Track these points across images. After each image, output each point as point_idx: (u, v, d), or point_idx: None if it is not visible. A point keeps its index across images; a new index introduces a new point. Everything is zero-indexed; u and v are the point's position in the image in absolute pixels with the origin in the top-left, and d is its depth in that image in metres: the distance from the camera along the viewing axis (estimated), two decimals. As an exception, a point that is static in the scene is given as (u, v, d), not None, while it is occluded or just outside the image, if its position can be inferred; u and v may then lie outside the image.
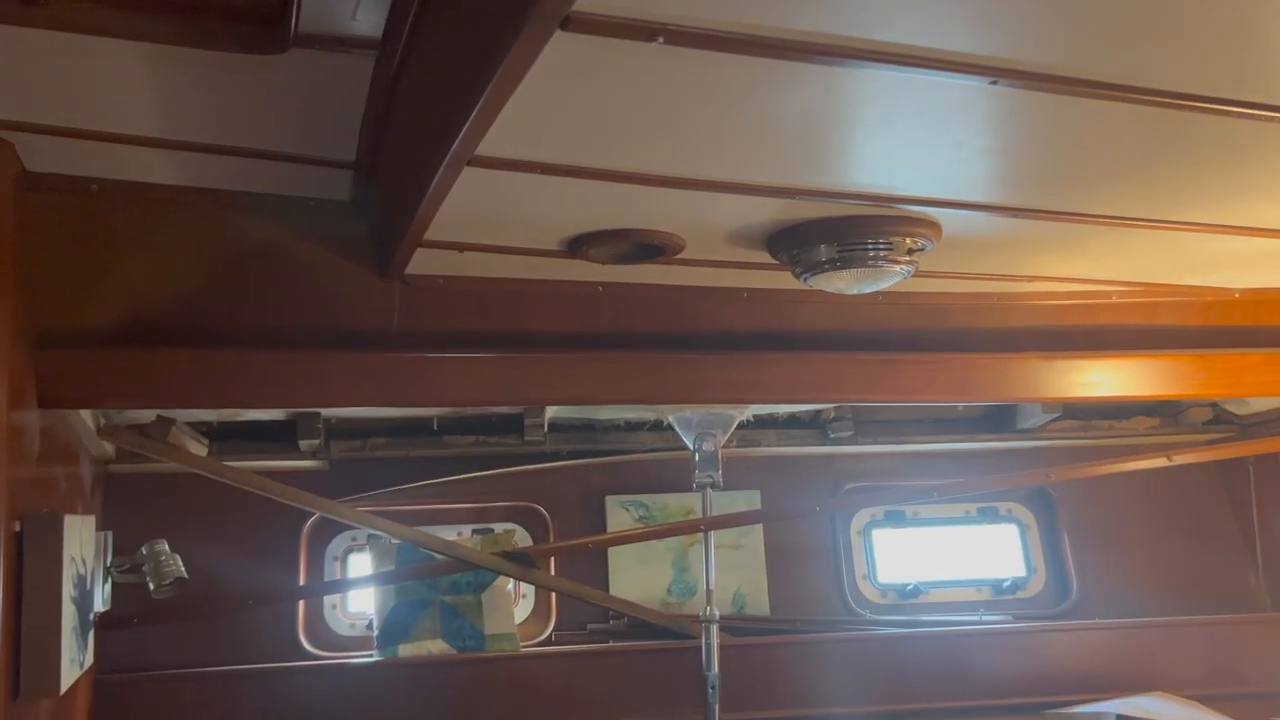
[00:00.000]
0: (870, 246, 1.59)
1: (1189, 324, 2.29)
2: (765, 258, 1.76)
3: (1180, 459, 2.56)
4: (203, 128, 1.52)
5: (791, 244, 1.63)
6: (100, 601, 2.12)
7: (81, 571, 1.81)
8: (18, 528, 1.55)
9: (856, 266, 1.61)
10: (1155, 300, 2.26)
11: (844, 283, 1.67)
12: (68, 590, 1.65)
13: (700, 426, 2.51)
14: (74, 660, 1.73)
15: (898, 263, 1.62)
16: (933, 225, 1.61)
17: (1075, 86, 1.14)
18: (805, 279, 1.69)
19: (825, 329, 2.14)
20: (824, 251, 1.61)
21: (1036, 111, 1.22)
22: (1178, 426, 2.87)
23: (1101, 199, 1.60)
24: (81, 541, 1.81)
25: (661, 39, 0.98)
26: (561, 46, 0.97)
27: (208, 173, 1.69)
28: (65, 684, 1.64)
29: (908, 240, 1.59)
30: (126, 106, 1.44)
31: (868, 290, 1.72)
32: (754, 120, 1.22)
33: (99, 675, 2.26)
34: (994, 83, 1.11)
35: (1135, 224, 1.70)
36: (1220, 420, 2.84)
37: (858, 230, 1.57)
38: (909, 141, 1.30)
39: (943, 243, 1.67)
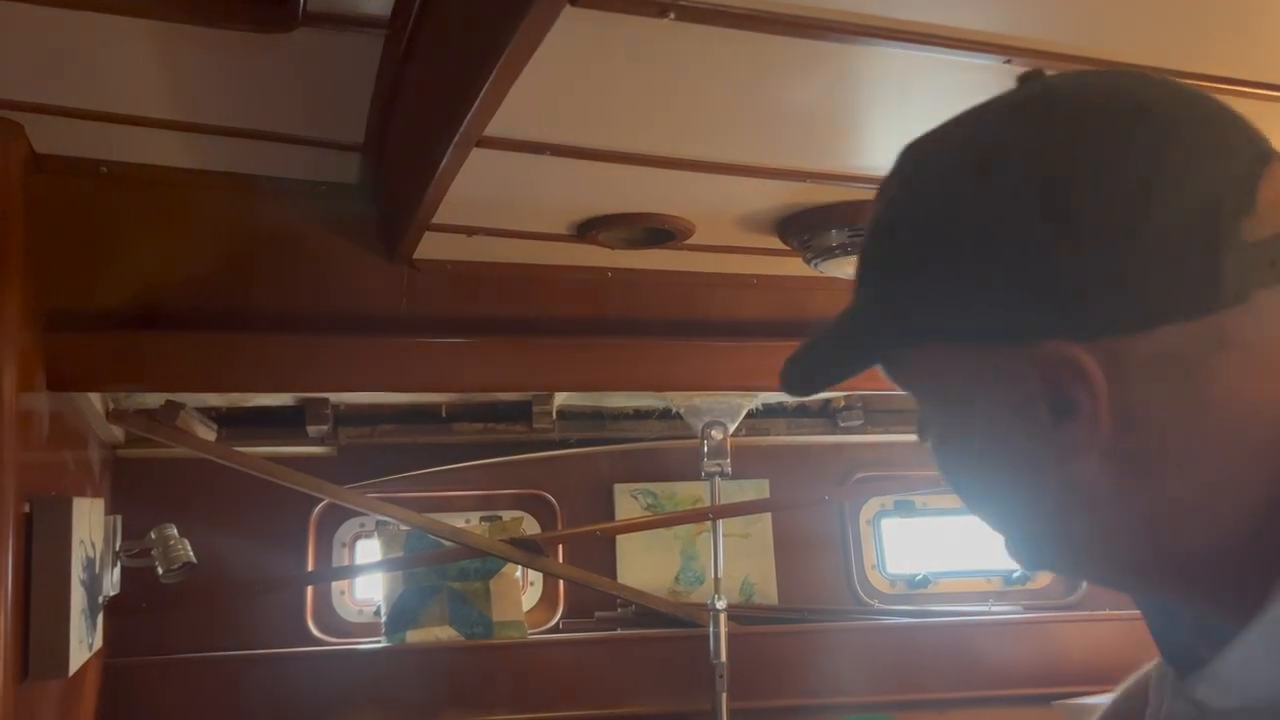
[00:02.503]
0: (882, 231, 1.57)
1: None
2: (776, 243, 1.75)
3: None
4: (211, 109, 1.52)
5: (803, 229, 1.62)
6: (109, 585, 2.12)
7: (90, 555, 1.82)
8: (27, 509, 1.55)
9: (868, 251, 1.59)
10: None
11: (855, 268, 1.65)
12: (76, 573, 1.65)
13: (709, 415, 2.50)
14: (83, 642, 1.74)
15: (909, 248, 1.60)
16: (945, 210, 1.59)
17: (1091, 65, 1.13)
18: (816, 264, 1.68)
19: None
20: (835, 236, 1.60)
21: (1051, 92, 1.21)
22: (1190, 417, 2.85)
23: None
24: (90, 525, 1.81)
25: (673, 15, 0.96)
26: (570, 23, 0.96)
27: (217, 155, 1.68)
28: (74, 666, 1.64)
29: (920, 225, 1.58)
30: (135, 87, 1.44)
31: (879, 276, 1.71)
32: (766, 100, 1.21)
33: (108, 659, 2.26)
34: (1008, 62, 1.09)
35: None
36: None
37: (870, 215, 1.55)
38: (924, 122, 1.27)
39: (955, 228, 1.65)
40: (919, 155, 0.63)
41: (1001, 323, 0.55)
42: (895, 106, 1.24)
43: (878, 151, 1.41)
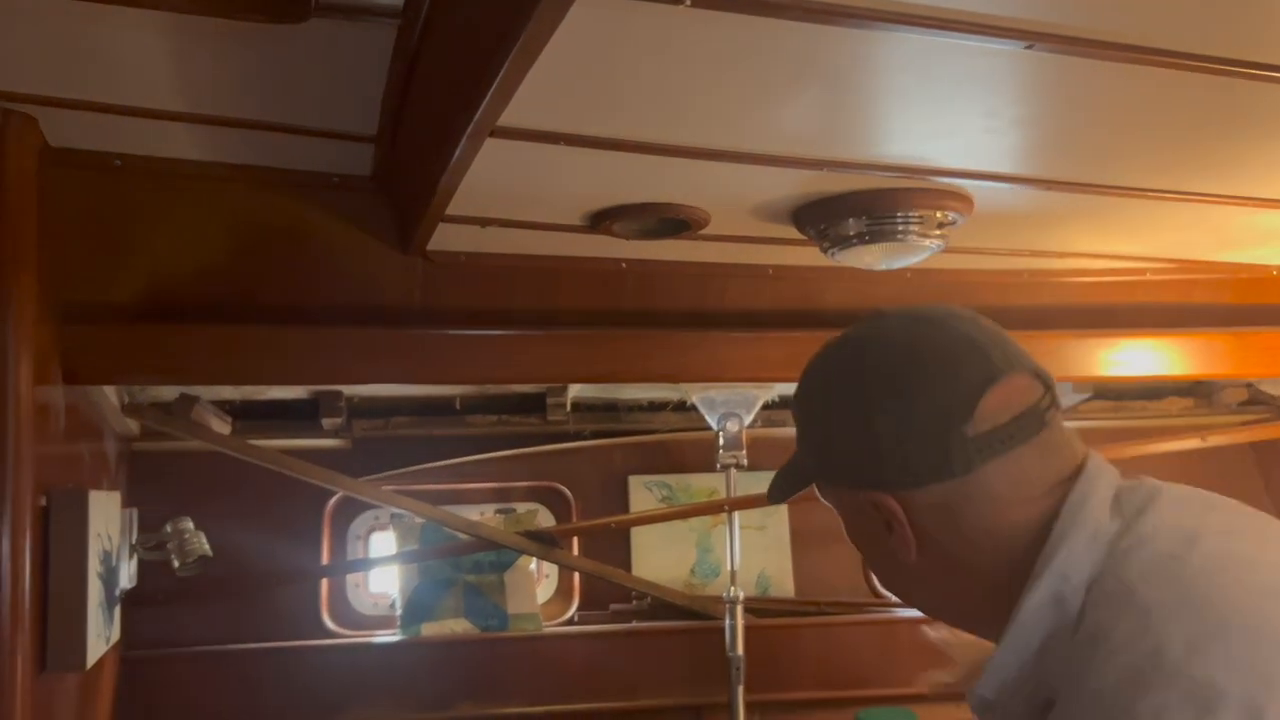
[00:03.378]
0: (900, 220, 1.55)
1: (1224, 302, 2.24)
2: (792, 233, 1.73)
3: (1214, 439, 2.52)
4: (224, 101, 1.51)
5: (819, 218, 1.60)
6: (126, 578, 2.13)
7: (107, 547, 1.82)
8: (44, 502, 1.55)
9: (886, 241, 1.58)
10: (1190, 278, 2.22)
11: (873, 258, 1.64)
12: (94, 566, 1.66)
13: (724, 406, 2.49)
14: (100, 635, 1.74)
15: (928, 237, 1.59)
16: (964, 198, 1.58)
17: (1113, 51, 1.11)
18: (833, 254, 1.66)
19: (852, 306, 2.10)
20: (852, 225, 1.58)
21: (1073, 78, 1.19)
22: (1211, 407, 2.82)
23: (1138, 171, 1.56)
24: (107, 518, 1.81)
25: (688, 1, 0.95)
26: (585, 10, 0.94)
27: (230, 147, 1.68)
28: (92, 658, 1.65)
29: (938, 214, 1.56)
30: (148, 80, 1.43)
31: (897, 265, 1.69)
32: (783, 87, 1.19)
33: (124, 651, 2.27)
34: (1029, 47, 1.07)
35: (1172, 197, 1.66)
36: (1255, 401, 2.79)
37: (887, 203, 1.54)
38: (942, 110, 1.26)
39: (974, 217, 1.64)
40: (806, 371, 0.99)
41: (843, 479, 0.95)
42: (913, 93, 1.23)
43: (895, 139, 1.40)
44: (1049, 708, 0.81)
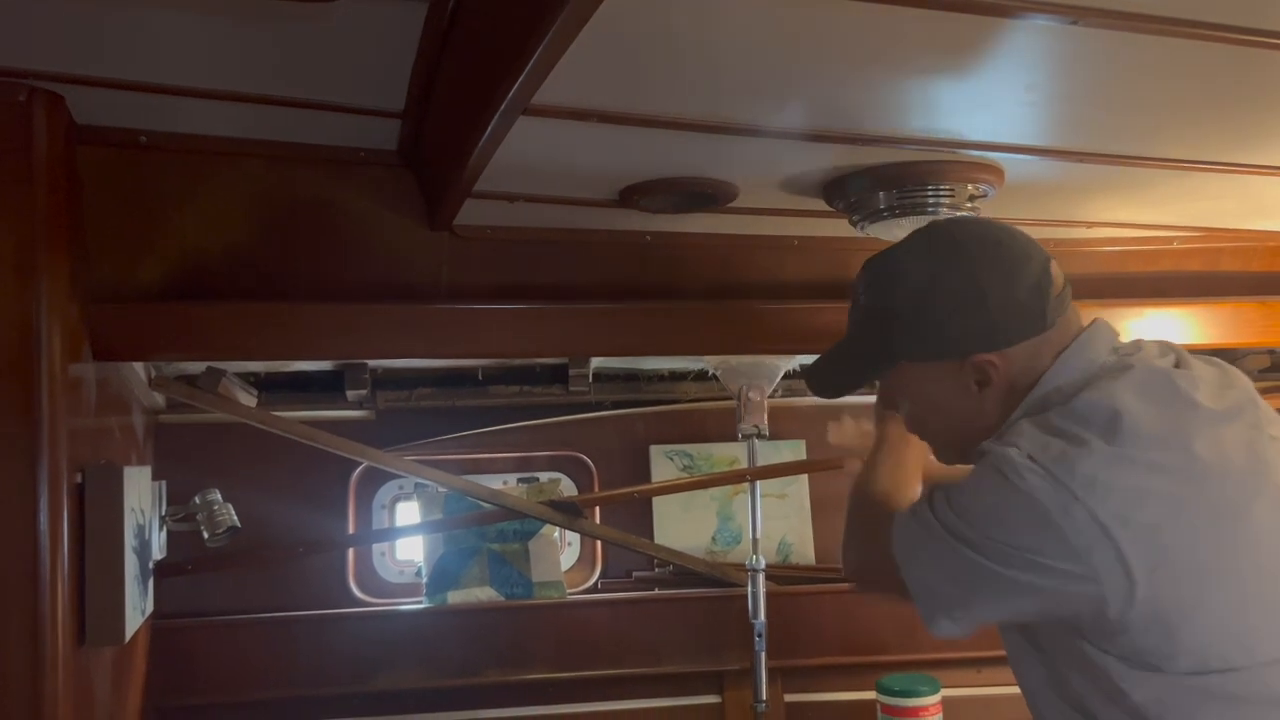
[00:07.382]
0: (931, 193, 1.54)
1: (1252, 269, 2.23)
2: (819, 205, 1.72)
3: (1238, 408, 2.50)
4: (251, 78, 1.50)
5: (849, 191, 1.59)
6: (157, 550, 2.15)
7: (141, 521, 1.84)
8: (79, 479, 1.57)
9: (916, 214, 1.56)
10: (1218, 246, 2.20)
11: (903, 230, 1.62)
12: (129, 540, 1.68)
13: (746, 376, 2.49)
14: (136, 608, 1.76)
15: (959, 209, 1.58)
16: (996, 171, 1.56)
17: (1156, 24, 1.09)
18: (863, 227, 1.65)
19: (878, 276, 2.09)
20: (883, 199, 1.57)
21: (1114, 52, 1.17)
22: (1233, 374, 2.81)
23: (1171, 142, 1.54)
24: (139, 492, 1.83)
25: (731, -20, 0.94)
26: (625, -9, 0.93)
27: (256, 124, 1.67)
28: (129, 632, 1.67)
29: (970, 186, 1.55)
30: (175, 57, 1.42)
31: (926, 238, 1.68)
32: (818, 64, 1.18)
33: (155, 620, 2.30)
34: (1074, 23, 1.06)
35: (1204, 168, 1.65)
36: (1278, 368, 2.78)
37: (919, 176, 1.52)
38: (980, 86, 1.25)
39: (1003, 188, 1.62)
40: (885, 268, 1.33)
41: (947, 351, 1.25)
42: (951, 71, 1.21)
43: (931, 114, 1.38)
44: None
